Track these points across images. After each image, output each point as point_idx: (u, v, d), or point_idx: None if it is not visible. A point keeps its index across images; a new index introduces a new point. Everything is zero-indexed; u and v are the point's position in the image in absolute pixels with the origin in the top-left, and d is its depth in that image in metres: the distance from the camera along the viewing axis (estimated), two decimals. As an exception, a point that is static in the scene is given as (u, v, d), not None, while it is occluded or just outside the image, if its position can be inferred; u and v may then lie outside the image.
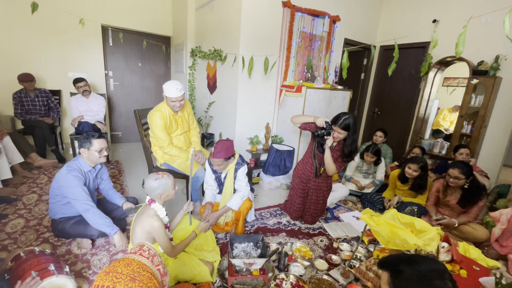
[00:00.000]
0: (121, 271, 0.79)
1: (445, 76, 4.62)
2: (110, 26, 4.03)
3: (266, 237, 2.24)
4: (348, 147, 2.15)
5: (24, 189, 2.68)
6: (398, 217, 1.72)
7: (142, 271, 0.82)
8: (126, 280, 0.76)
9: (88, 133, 1.87)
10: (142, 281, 0.78)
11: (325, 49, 3.67)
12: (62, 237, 1.95)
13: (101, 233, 1.88)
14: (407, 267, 0.86)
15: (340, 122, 2.05)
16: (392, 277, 0.87)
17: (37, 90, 3.38)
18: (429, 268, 0.83)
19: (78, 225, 1.84)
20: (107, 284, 0.76)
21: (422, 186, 2.66)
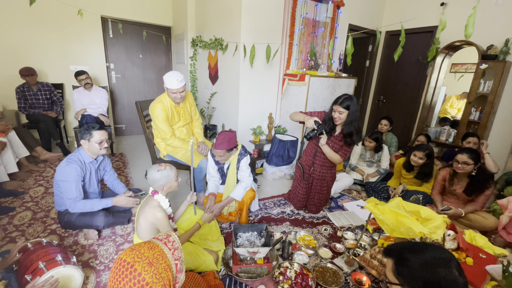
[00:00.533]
0: (143, 252, 0.82)
1: (453, 62, 4.49)
2: (109, 17, 3.97)
3: (270, 226, 2.25)
4: (348, 126, 2.07)
5: (31, 182, 2.72)
6: (403, 205, 1.70)
7: (161, 259, 0.83)
8: (144, 262, 0.80)
9: (88, 124, 1.87)
10: (158, 269, 0.80)
11: (329, 36, 3.58)
12: (69, 228, 1.98)
13: (107, 223, 1.91)
14: (412, 254, 0.84)
15: (341, 100, 2.02)
16: (397, 264, 0.86)
17: (40, 84, 3.37)
18: (434, 256, 0.81)
19: (84, 216, 1.87)
20: (129, 260, 0.80)
21: (428, 174, 2.62)
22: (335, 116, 2.07)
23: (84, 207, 1.81)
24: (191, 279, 1.36)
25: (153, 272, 0.79)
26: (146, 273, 0.78)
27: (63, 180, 1.78)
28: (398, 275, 0.85)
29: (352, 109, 2.02)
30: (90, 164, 1.93)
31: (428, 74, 3.81)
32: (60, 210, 1.95)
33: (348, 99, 2.01)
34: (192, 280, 1.36)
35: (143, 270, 0.78)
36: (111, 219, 1.94)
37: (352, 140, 2.11)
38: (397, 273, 0.85)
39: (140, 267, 0.78)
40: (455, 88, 4.72)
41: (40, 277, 1.31)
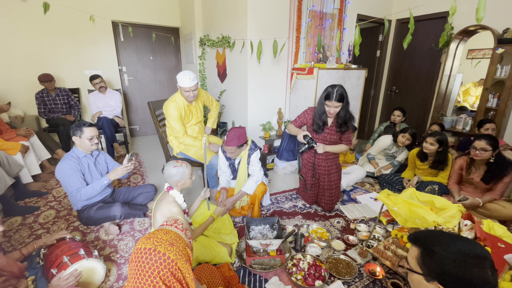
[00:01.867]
0: (161, 237, 0.90)
1: (469, 48, 4.31)
2: (120, 21, 4.08)
3: (282, 220, 2.27)
4: (342, 118, 2.05)
5: (53, 183, 2.86)
6: (416, 195, 1.68)
7: (178, 239, 0.92)
8: (166, 244, 0.87)
9: (79, 121, 1.98)
10: (179, 247, 0.89)
11: (337, 27, 3.53)
12: (90, 224, 2.09)
13: (124, 213, 2.02)
14: (442, 248, 0.78)
15: (334, 95, 1.94)
16: (423, 254, 0.81)
17: (57, 89, 3.53)
18: (467, 253, 0.74)
19: (101, 209, 1.99)
20: (149, 246, 0.86)
21: (442, 161, 2.52)
22: (330, 111, 2.01)
23: (87, 192, 1.90)
24: (206, 270, 1.41)
25: (176, 250, 0.87)
26: (170, 252, 0.86)
27: (61, 177, 1.90)
28: (423, 265, 0.81)
29: (346, 100, 1.98)
30: (85, 158, 2.02)
31: (442, 61, 3.68)
32: (78, 209, 2.07)
33: (339, 90, 1.94)
34: (207, 271, 1.40)
35: (167, 250, 0.85)
36: (127, 209, 2.04)
37: (347, 126, 2.09)
38: (422, 263, 0.81)
39: (163, 249, 0.85)
40: (472, 74, 4.52)
41: (65, 270, 1.40)
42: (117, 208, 1.98)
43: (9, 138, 2.68)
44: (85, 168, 2.02)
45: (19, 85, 3.57)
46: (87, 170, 2.03)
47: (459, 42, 3.50)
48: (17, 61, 3.52)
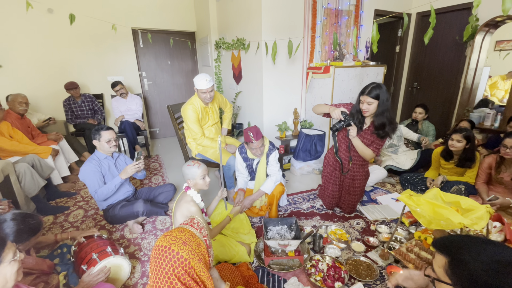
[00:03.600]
0: (175, 235, 0.94)
1: (496, 40, 4.06)
2: (139, 28, 4.25)
3: (300, 221, 2.26)
4: (379, 118, 1.88)
5: (81, 184, 3.03)
6: (441, 196, 1.62)
7: (192, 238, 0.95)
8: (179, 243, 0.91)
9: (98, 126, 2.10)
10: (191, 246, 0.92)
11: (353, 24, 3.46)
12: (115, 223, 2.20)
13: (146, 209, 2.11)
14: (472, 256, 0.72)
15: (369, 90, 1.84)
16: (452, 264, 0.76)
17: (83, 95, 3.73)
18: (500, 260, 0.69)
19: (125, 207, 2.10)
20: (165, 244, 0.92)
21: (469, 159, 2.37)
22: (363, 107, 1.90)
23: (103, 192, 2.01)
24: (226, 269, 1.44)
25: (188, 249, 0.90)
26: (183, 251, 0.89)
27: (83, 179, 2.04)
28: (452, 275, 0.75)
29: (382, 98, 1.84)
30: (105, 160, 2.14)
31: (467, 54, 3.50)
32: (103, 209, 2.18)
33: (376, 88, 1.84)
34: (227, 270, 1.43)
35: (180, 249, 0.89)
36: (149, 206, 2.13)
37: (386, 132, 1.92)
38: (451, 273, 0.76)
39: (176, 247, 0.89)
40: (501, 67, 4.27)
41: (94, 267, 1.48)
42: (139, 205, 2.08)
43: (41, 142, 2.88)
44: (106, 170, 2.12)
45: (47, 93, 3.81)
46: (108, 171, 2.14)
47: (485, 34, 3.31)
48: (45, 69, 3.76)
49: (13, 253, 0.99)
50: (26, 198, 2.24)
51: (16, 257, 1.00)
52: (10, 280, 0.98)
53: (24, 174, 2.26)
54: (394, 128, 1.94)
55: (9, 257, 0.97)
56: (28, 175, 2.28)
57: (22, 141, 2.66)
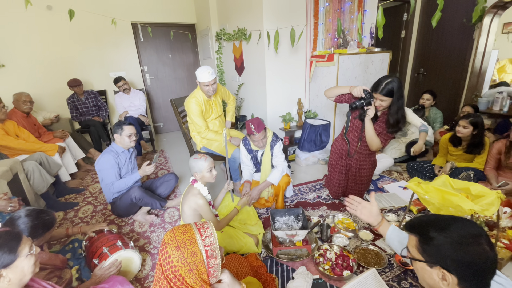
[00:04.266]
0: (176, 235, 0.89)
1: (504, 22, 3.93)
2: (139, 22, 4.20)
3: (307, 211, 2.26)
4: (394, 116, 1.84)
5: (89, 180, 3.06)
6: (450, 183, 1.59)
7: (188, 244, 0.87)
8: (173, 246, 0.86)
9: (120, 121, 2.17)
10: (183, 254, 0.85)
11: (357, 9, 3.36)
12: (122, 214, 2.27)
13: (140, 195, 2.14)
14: (439, 232, 0.78)
15: (382, 87, 1.76)
16: (421, 242, 0.82)
17: (86, 92, 3.73)
18: (464, 233, 0.76)
19: (124, 194, 2.18)
20: (166, 240, 0.88)
21: (478, 145, 2.34)
22: (376, 104, 1.85)
23: (120, 185, 2.12)
24: (235, 260, 1.45)
25: (179, 256, 0.84)
26: (174, 256, 0.84)
27: (101, 169, 2.12)
28: (423, 252, 0.81)
29: (396, 95, 1.77)
30: (123, 154, 2.23)
31: (475, 37, 3.40)
32: (110, 202, 2.25)
33: (390, 83, 1.75)
34: (236, 261, 1.44)
35: (172, 253, 0.85)
36: (144, 193, 2.16)
37: (399, 128, 1.89)
38: (422, 250, 0.82)
39: (170, 250, 0.85)
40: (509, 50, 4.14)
41: (105, 260, 1.51)
42: (134, 189, 2.14)
43: (47, 140, 2.90)
44: (122, 163, 2.23)
45: (51, 91, 3.82)
46: (124, 164, 2.23)
47: (494, 16, 3.20)
48: (47, 67, 3.76)
49: (29, 247, 1.02)
50: (35, 195, 2.28)
51: (32, 251, 1.03)
52: (28, 273, 1.01)
53: (33, 171, 2.29)
54: (404, 122, 1.91)
55: (26, 251, 1.00)
56: (37, 173, 2.31)
57: (28, 139, 2.69)
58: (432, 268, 0.79)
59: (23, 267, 0.99)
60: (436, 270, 0.78)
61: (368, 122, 1.92)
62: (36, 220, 1.41)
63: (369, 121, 1.91)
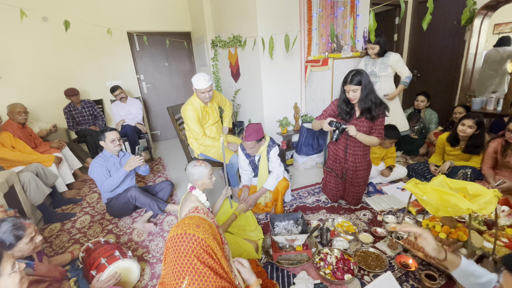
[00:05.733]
0: (188, 222, 1.03)
1: (495, 23, 4.00)
2: (134, 31, 4.23)
3: (306, 215, 2.25)
4: (363, 102, 1.92)
5: (86, 190, 3.04)
6: (447, 183, 1.60)
7: (203, 221, 1.06)
8: (193, 227, 1.00)
9: (102, 128, 2.26)
10: (204, 227, 1.02)
11: (350, 14, 3.42)
12: (115, 213, 2.34)
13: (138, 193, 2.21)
14: None
15: (350, 78, 1.89)
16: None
17: (83, 102, 3.72)
18: None
19: (120, 195, 2.25)
20: (180, 231, 0.99)
21: (478, 145, 2.34)
22: (350, 96, 1.93)
23: (109, 183, 2.18)
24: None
25: (202, 230, 1.00)
26: (198, 232, 0.98)
27: (90, 173, 2.22)
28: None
29: (364, 82, 1.88)
30: (111, 158, 2.31)
31: (467, 39, 3.46)
32: (105, 203, 2.32)
33: (357, 74, 1.89)
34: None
35: (195, 231, 0.98)
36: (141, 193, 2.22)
37: (372, 114, 1.95)
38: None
39: (192, 231, 0.98)
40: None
41: (103, 272, 1.48)
42: (132, 189, 2.21)
43: (44, 151, 2.89)
44: (111, 166, 2.29)
45: (47, 101, 3.81)
46: (113, 167, 2.30)
47: (484, 17, 3.27)
48: (44, 77, 3.76)
49: (12, 265, 0.97)
50: (32, 207, 2.26)
51: (15, 268, 0.97)
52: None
53: (29, 183, 2.27)
54: (385, 108, 1.97)
55: (8, 269, 0.95)
56: (33, 184, 2.29)
57: (24, 150, 2.67)
58: None
59: (8, 286, 0.94)
60: None
61: (358, 135, 1.98)
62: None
63: (356, 134, 1.96)
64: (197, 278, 0.94)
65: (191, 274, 0.94)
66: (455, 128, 2.42)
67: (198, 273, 0.94)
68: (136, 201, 2.21)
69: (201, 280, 0.94)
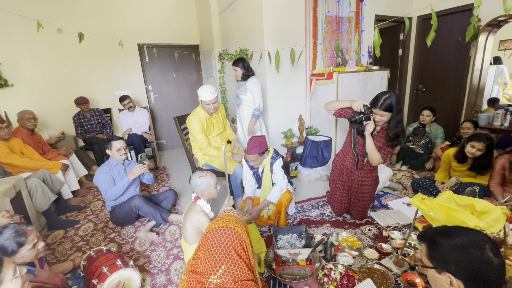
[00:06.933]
0: (227, 218, 1.15)
1: (500, 39, 4.04)
2: (145, 43, 4.37)
3: (310, 228, 2.22)
4: (393, 130, 1.88)
5: (91, 197, 3.06)
6: (454, 199, 1.57)
7: (239, 220, 1.18)
8: (233, 222, 1.13)
9: (109, 137, 2.30)
10: (241, 224, 1.15)
11: (355, 30, 3.49)
12: (121, 222, 2.34)
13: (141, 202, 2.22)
14: (444, 238, 0.85)
15: (381, 103, 1.81)
16: (429, 248, 0.88)
17: (91, 110, 3.81)
18: (467, 239, 0.81)
19: (124, 203, 2.26)
20: (221, 225, 1.11)
21: (485, 167, 2.30)
22: (376, 119, 1.89)
23: (113, 192, 2.20)
24: (236, 280, 1.42)
25: (240, 226, 1.13)
26: (237, 226, 1.11)
27: (96, 181, 2.25)
28: (431, 259, 0.87)
29: (395, 110, 1.82)
30: (117, 166, 2.34)
31: (472, 55, 3.48)
32: (109, 211, 2.33)
33: (388, 98, 1.80)
34: (237, 281, 1.41)
35: (235, 225, 1.11)
36: (144, 202, 2.23)
37: (399, 141, 1.92)
38: (430, 257, 0.87)
39: (233, 225, 1.11)
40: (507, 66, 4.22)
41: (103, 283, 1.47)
42: (136, 198, 2.22)
43: (51, 158, 2.93)
44: (116, 174, 2.32)
45: (57, 108, 3.91)
46: (118, 175, 2.33)
47: (488, 34, 3.29)
48: (56, 86, 3.88)
49: (13, 271, 0.97)
50: (37, 213, 2.27)
51: (16, 274, 0.98)
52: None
53: (36, 189, 2.29)
54: (404, 136, 1.95)
55: (9, 275, 0.95)
56: (39, 190, 2.32)
57: (33, 157, 2.72)
58: (440, 275, 0.83)
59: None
60: (444, 276, 0.81)
61: (368, 137, 1.96)
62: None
63: (369, 136, 1.95)
64: (232, 267, 1.05)
65: (228, 263, 1.05)
66: (463, 145, 2.38)
67: (234, 263, 1.06)
68: (139, 210, 2.22)
69: (236, 270, 1.05)
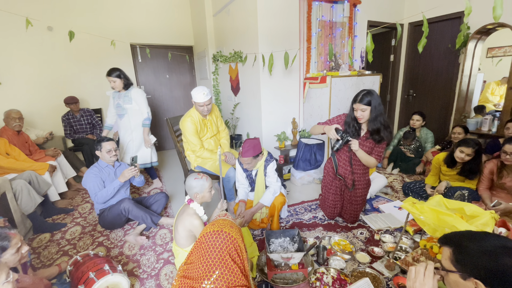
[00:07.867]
0: (221, 222, 1.14)
1: (488, 47, 4.16)
2: (137, 43, 4.31)
3: (303, 232, 2.22)
4: (373, 123, 1.92)
5: (79, 199, 2.98)
6: (444, 203, 1.59)
7: (234, 225, 1.17)
8: (228, 226, 1.12)
9: (100, 137, 2.25)
10: (236, 228, 1.14)
11: (348, 35, 3.53)
12: (109, 226, 2.28)
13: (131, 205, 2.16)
14: (472, 242, 0.81)
15: (360, 97, 1.89)
16: (455, 252, 0.83)
17: (81, 110, 3.72)
18: (497, 244, 0.77)
19: (113, 207, 2.20)
20: (216, 228, 1.10)
21: (474, 171, 2.35)
22: (357, 115, 1.94)
23: (102, 194, 2.14)
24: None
25: (235, 230, 1.12)
26: (232, 231, 1.10)
27: (84, 183, 2.19)
28: (456, 262, 0.82)
29: (374, 103, 1.88)
30: (106, 168, 2.28)
31: (461, 62, 3.57)
32: (98, 214, 2.27)
33: (367, 94, 1.89)
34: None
35: (230, 230, 1.10)
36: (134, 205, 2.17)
37: (381, 136, 1.95)
38: (455, 261, 0.82)
39: (227, 229, 1.10)
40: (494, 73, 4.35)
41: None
42: (125, 201, 2.17)
43: (38, 158, 2.85)
44: (106, 176, 2.25)
45: (46, 108, 3.82)
46: (108, 177, 2.26)
47: (477, 41, 3.39)
48: (45, 85, 3.78)
49: (6, 275, 0.98)
50: (22, 215, 2.19)
51: (9, 278, 0.98)
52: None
53: (21, 191, 2.22)
54: (390, 132, 1.98)
55: (2, 279, 0.96)
56: (25, 192, 2.24)
57: (19, 158, 2.64)
58: (465, 280, 0.78)
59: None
60: (470, 283, 0.77)
61: (358, 151, 1.98)
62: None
63: (357, 150, 1.97)
64: (226, 272, 1.04)
65: (222, 268, 1.04)
66: (452, 150, 2.43)
67: (228, 268, 1.05)
68: (129, 214, 2.16)
69: (230, 275, 1.04)
